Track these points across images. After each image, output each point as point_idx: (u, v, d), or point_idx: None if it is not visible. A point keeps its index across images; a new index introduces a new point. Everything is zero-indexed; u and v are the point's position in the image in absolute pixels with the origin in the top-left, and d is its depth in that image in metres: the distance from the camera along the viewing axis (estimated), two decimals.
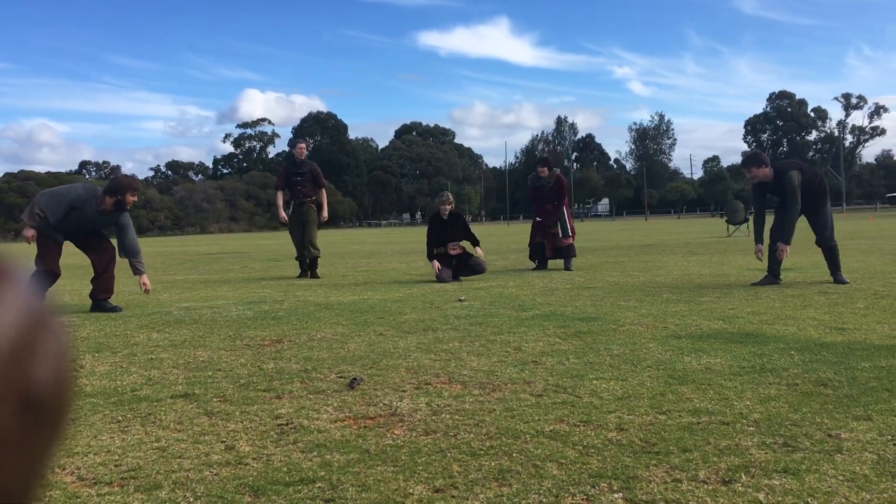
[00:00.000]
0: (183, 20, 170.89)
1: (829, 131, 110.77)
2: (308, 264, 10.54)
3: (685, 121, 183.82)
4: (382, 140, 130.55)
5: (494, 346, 4.39)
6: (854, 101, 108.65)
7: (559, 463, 2.34)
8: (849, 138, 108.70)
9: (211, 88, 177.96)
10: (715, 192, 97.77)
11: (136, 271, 6.96)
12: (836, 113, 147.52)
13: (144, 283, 6.98)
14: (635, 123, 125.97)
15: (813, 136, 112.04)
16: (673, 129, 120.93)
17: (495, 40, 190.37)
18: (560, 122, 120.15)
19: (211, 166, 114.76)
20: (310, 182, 10.64)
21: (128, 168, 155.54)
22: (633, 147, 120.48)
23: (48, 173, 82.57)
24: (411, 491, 2.16)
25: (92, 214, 6.76)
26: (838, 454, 2.36)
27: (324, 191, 10.77)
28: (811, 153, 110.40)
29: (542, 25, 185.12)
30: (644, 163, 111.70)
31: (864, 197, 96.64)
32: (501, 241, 23.45)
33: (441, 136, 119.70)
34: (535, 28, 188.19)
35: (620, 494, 2.09)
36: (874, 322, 4.89)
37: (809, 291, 6.69)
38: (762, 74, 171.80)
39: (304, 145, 11.17)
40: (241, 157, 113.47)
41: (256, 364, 4.09)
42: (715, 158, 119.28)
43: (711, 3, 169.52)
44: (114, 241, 7.06)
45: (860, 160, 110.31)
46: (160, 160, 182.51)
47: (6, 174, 78.91)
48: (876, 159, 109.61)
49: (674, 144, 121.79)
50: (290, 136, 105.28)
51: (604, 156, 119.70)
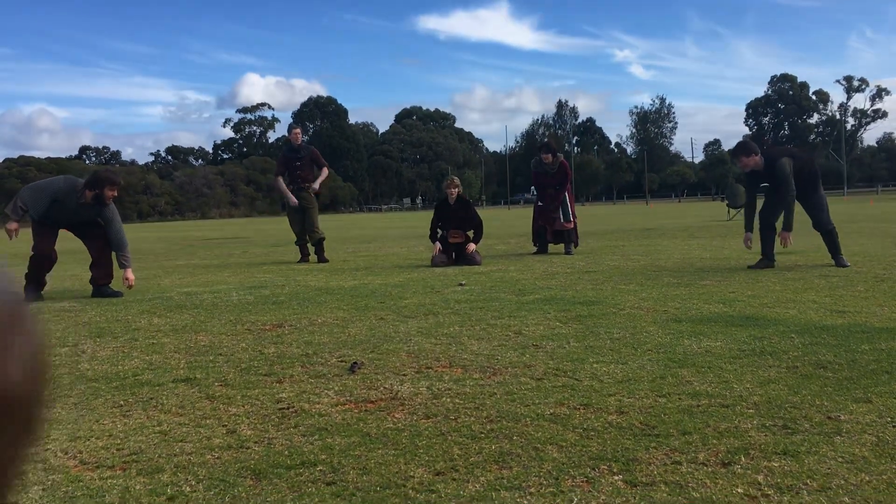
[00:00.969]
0: (180, 4, 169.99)
1: (830, 114, 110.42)
2: (315, 248, 10.53)
3: (686, 104, 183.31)
4: (383, 125, 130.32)
5: (495, 330, 4.40)
6: (856, 83, 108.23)
7: (559, 446, 2.35)
8: (850, 121, 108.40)
9: (210, 73, 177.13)
10: (716, 175, 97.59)
11: (121, 265, 6.90)
12: (837, 96, 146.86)
13: (127, 279, 6.84)
14: (636, 107, 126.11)
15: (814, 119, 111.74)
16: (674, 113, 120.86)
17: (495, 24, 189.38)
18: (561, 106, 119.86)
19: (211, 151, 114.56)
20: (309, 166, 10.61)
21: (127, 153, 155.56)
22: (634, 131, 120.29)
23: (48, 159, 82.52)
24: (412, 474, 2.17)
25: (74, 207, 6.73)
26: (838, 436, 2.36)
27: (325, 170, 10.73)
28: (813, 136, 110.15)
29: (542, 9, 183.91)
30: (645, 147, 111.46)
31: (866, 180, 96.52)
32: (502, 225, 23.44)
33: (441, 120, 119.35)
34: (534, 11, 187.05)
35: (620, 477, 2.10)
36: (874, 305, 4.90)
37: (810, 275, 6.70)
38: (764, 57, 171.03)
39: (299, 130, 11.10)
40: (241, 141, 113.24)
41: (257, 348, 4.10)
42: (716, 142, 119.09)
43: None
44: None
45: (862, 143, 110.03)
46: (160, 145, 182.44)
47: (6, 160, 78.89)
48: (877, 142, 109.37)
49: (675, 128, 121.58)
50: (290, 120, 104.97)
51: (605, 140, 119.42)
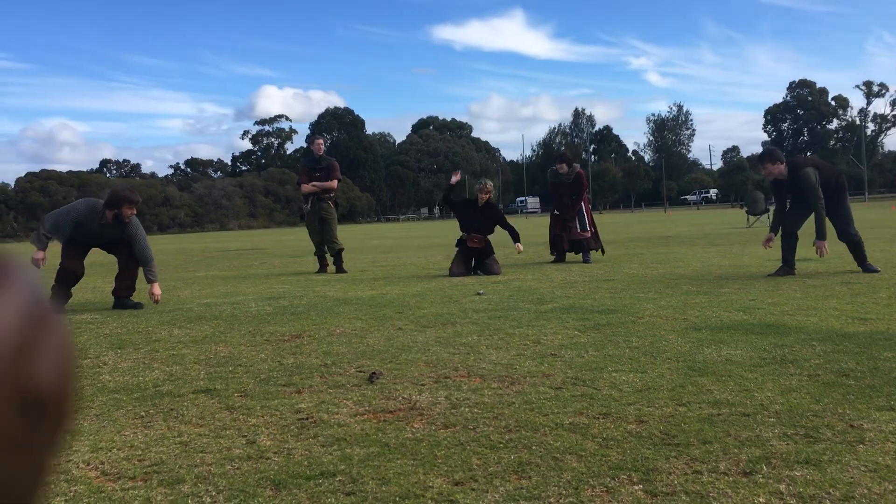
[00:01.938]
0: (196, 18, 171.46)
1: (850, 120, 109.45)
2: (333, 259, 10.57)
3: (704, 111, 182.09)
4: (399, 135, 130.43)
5: (513, 340, 4.39)
6: (875, 88, 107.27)
7: (579, 455, 2.34)
8: (870, 126, 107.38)
9: (227, 85, 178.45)
10: (735, 182, 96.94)
11: (148, 280, 6.96)
12: (857, 101, 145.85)
13: (153, 294, 6.88)
14: (653, 115, 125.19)
15: (834, 124, 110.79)
16: (692, 120, 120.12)
17: (510, 33, 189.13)
18: (577, 114, 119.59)
19: (229, 163, 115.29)
20: (328, 178, 10.67)
21: (147, 166, 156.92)
22: (651, 138, 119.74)
23: (69, 172, 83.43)
24: (431, 484, 2.16)
25: (96, 228, 6.79)
26: (860, 445, 2.34)
27: (335, 182, 10.72)
28: (832, 142, 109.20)
29: (557, 17, 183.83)
30: (663, 154, 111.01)
31: (887, 186, 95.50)
32: (520, 233, 23.39)
33: (458, 129, 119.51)
34: (549, 20, 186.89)
35: (640, 486, 2.09)
36: None
37: (831, 282, 6.63)
38: (781, 63, 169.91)
39: (321, 141, 11.19)
40: (259, 153, 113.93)
41: (277, 359, 4.12)
42: (734, 149, 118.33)
43: None
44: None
45: (882, 148, 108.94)
46: (179, 158, 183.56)
47: (28, 174, 79.80)
48: None
49: (693, 135, 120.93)
50: (308, 132, 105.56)
51: (622, 148, 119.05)
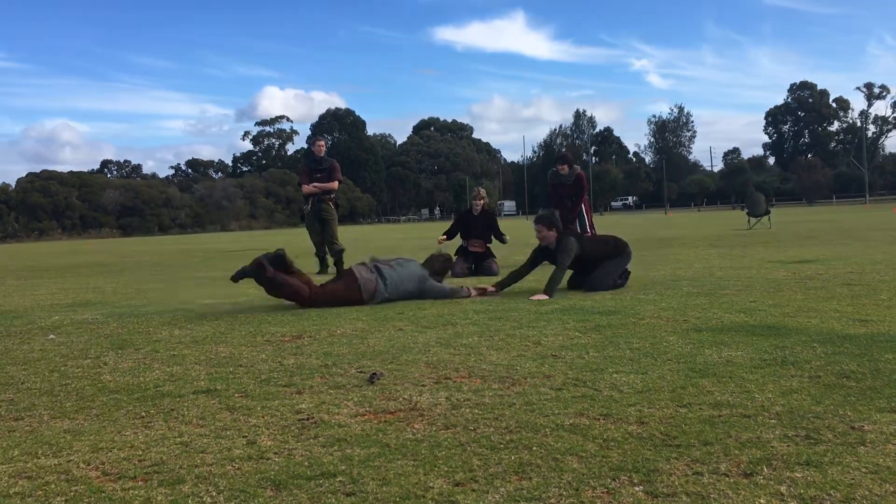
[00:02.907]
0: (198, 19, 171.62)
1: (851, 122, 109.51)
2: (334, 260, 10.58)
3: (705, 113, 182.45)
4: (400, 136, 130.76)
5: (514, 341, 4.39)
6: (877, 90, 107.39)
7: (579, 456, 2.34)
8: (871, 128, 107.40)
9: (229, 86, 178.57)
10: (735, 184, 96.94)
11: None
12: (858, 103, 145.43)
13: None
14: (654, 116, 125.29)
15: (835, 126, 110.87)
16: (693, 122, 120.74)
17: (511, 34, 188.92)
18: (578, 115, 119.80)
19: (230, 164, 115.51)
20: (329, 179, 10.68)
21: (148, 167, 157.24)
22: (652, 140, 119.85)
23: (70, 173, 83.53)
24: (431, 484, 2.16)
25: None
26: (861, 446, 2.34)
27: (335, 184, 10.74)
28: (833, 144, 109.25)
29: (558, 18, 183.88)
30: (663, 156, 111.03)
31: (888, 188, 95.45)
32: (520, 235, 23.41)
33: (459, 131, 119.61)
34: (551, 21, 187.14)
35: (641, 487, 2.08)
36: None
37: (832, 284, 6.63)
38: (782, 65, 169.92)
39: (322, 142, 11.23)
40: (260, 154, 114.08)
41: (277, 360, 4.12)
42: (735, 150, 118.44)
43: None
44: None
45: (883, 150, 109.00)
46: (180, 158, 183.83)
47: (29, 174, 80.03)
48: None
49: (694, 137, 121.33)
50: (309, 133, 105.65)
51: (623, 149, 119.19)
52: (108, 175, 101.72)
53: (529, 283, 7.27)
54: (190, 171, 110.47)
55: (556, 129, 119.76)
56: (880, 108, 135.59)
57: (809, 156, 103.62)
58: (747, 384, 3.14)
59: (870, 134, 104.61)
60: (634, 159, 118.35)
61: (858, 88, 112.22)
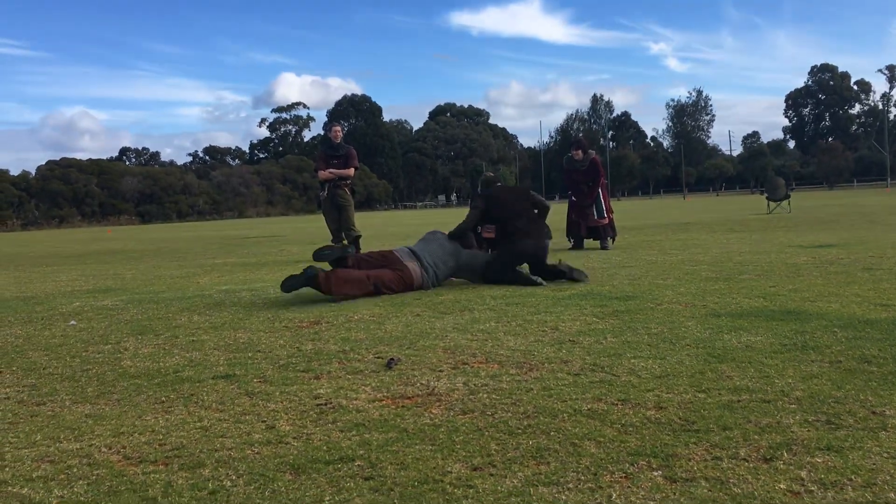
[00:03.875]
0: (214, 5, 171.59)
1: (872, 104, 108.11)
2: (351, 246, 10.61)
3: (724, 96, 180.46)
4: (417, 122, 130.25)
5: (531, 326, 4.38)
6: None
7: (597, 441, 2.34)
8: (893, 111, 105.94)
9: (246, 73, 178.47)
10: (755, 168, 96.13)
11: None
12: (880, 85, 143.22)
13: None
14: (672, 100, 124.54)
15: (856, 109, 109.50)
16: (711, 106, 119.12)
17: (528, 19, 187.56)
18: (596, 100, 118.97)
19: (247, 151, 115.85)
20: (345, 165, 10.68)
21: (166, 154, 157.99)
22: (670, 124, 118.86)
23: (89, 160, 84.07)
24: (449, 469, 2.17)
25: None
26: (882, 431, 2.32)
27: (351, 170, 10.73)
28: (854, 127, 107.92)
29: (575, 2, 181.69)
30: (682, 140, 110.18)
31: None
32: None
33: (475, 116, 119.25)
34: (567, 5, 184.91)
35: (660, 472, 2.08)
36: None
37: (853, 268, 6.56)
38: (802, 48, 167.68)
39: (339, 128, 11.25)
40: (276, 141, 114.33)
41: (295, 345, 4.14)
42: (755, 134, 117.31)
43: None
44: None
45: None
46: (198, 146, 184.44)
47: (49, 162, 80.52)
48: None
49: (712, 121, 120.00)
50: (325, 119, 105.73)
51: (640, 134, 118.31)
52: (127, 163, 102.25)
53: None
54: (207, 158, 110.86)
55: (573, 114, 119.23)
56: None
57: (830, 139, 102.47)
58: (767, 369, 3.12)
59: (891, 117, 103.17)
60: (652, 144, 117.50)
61: (880, 71, 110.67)
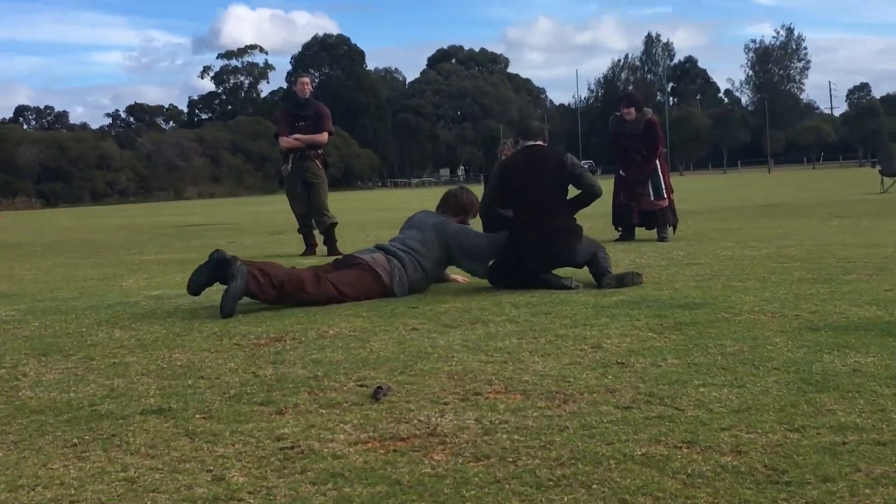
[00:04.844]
0: None
1: None
2: (324, 237, 10.62)
3: (822, 36, 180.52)
4: (411, 71, 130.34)
5: (565, 344, 4.39)
6: None
7: (655, 497, 2.34)
8: None
9: (184, 6, 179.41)
10: (864, 132, 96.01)
11: None
12: None
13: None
14: (753, 41, 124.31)
15: None
16: (805, 48, 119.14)
17: None
18: (651, 41, 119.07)
19: (185, 110, 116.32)
20: (315, 129, 10.69)
21: (77, 114, 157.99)
22: (750, 74, 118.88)
23: None
24: None
25: None
26: None
27: (324, 135, 10.73)
28: None
29: None
30: (766, 95, 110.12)
31: None
32: None
33: (490, 63, 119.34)
34: None
35: None
36: None
37: None
38: None
39: (307, 80, 11.26)
40: (224, 96, 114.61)
41: (251, 370, 4.15)
42: (864, 87, 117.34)
43: None
44: None
45: None
46: (119, 104, 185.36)
47: None
48: None
49: (807, 69, 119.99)
50: (290, 67, 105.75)
51: (711, 86, 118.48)
52: (25, 126, 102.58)
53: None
54: (132, 120, 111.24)
55: (620, 61, 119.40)
56: None
57: None
58: (882, 400, 3.12)
59: None
60: (726, 99, 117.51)
61: None
